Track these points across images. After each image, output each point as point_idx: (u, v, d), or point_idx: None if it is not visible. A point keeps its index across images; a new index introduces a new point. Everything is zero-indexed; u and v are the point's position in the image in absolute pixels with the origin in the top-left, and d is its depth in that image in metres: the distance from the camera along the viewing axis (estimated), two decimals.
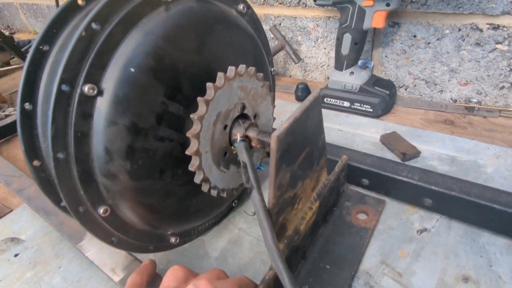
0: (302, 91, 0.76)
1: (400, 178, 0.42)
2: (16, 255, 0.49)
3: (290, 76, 0.93)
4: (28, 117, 0.30)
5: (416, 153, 0.52)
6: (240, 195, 0.48)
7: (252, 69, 0.33)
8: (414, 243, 0.40)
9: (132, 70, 0.26)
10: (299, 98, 0.77)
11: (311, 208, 0.37)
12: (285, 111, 0.75)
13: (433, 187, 0.40)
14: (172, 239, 0.38)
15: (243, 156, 0.31)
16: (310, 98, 0.30)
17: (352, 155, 0.47)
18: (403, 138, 0.55)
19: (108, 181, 0.29)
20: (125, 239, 0.33)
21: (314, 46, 0.82)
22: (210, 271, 0.30)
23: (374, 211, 0.43)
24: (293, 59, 0.82)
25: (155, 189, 0.32)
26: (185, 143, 0.32)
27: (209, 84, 0.29)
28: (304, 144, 0.32)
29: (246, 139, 0.34)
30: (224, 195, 0.36)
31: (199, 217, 0.40)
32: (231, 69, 0.31)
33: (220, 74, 0.30)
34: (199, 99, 0.29)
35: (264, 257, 0.41)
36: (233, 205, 0.47)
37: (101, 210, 0.29)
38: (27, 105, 0.28)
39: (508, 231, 0.38)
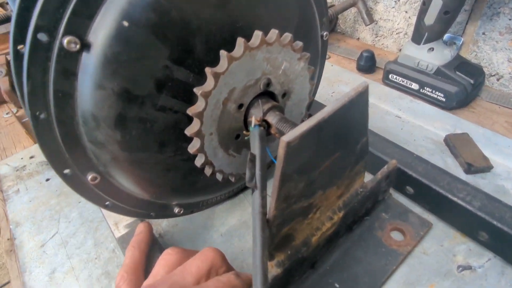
0: (366, 60, 0.65)
1: (455, 199, 0.34)
2: (47, 180, 0.52)
3: (358, 38, 0.80)
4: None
5: (487, 167, 0.41)
6: None
7: (287, 36, 0.26)
8: (450, 280, 0.32)
9: (125, 24, 0.20)
10: (361, 68, 0.66)
11: (331, 219, 0.32)
12: (340, 80, 0.65)
13: (495, 223, 0.31)
14: (176, 210, 0.36)
15: (254, 146, 0.26)
16: (351, 93, 0.23)
17: (402, 156, 0.39)
18: (475, 143, 0.44)
19: (96, 149, 0.26)
20: (122, 206, 0.31)
21: (393, 7, 0.67)
22: (204, 258, 0.27)
23: (414, 233, 0.36)
24: (364, 19, 0.69)
25: (154, 162, 0.29)
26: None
27: (222, 53, 0.23)
28: (333, 150, 0.26)
29: (264, 123, 0.28)
30: (233, 180, 0.31)
31: (208, 192, 0.37)
32: (256, 35, 0.24)
33: (240, 41, 0.23)
34: (207, 70, 0.23)
35: None
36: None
37: (89, 177, 0.27)
38: (21, 47, 0.25)
39: None
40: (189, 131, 0.25)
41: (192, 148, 0.26)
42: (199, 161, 0.27)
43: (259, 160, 0.25)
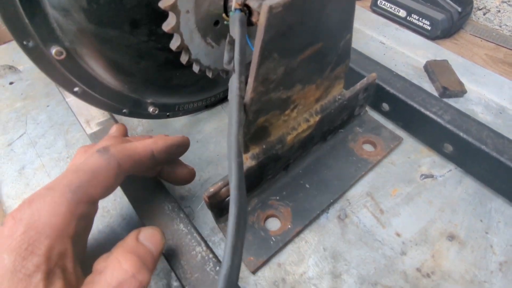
0: None
1: (427, 113, 0.35)
2: (11, 83, 0.49)
3: None
4: None
5: (461, 91, 0.42)
6: None
7: None
8: (412, 186, 0.35)
9: None
10: None
11: (307, 121, 0.32)
12: None
13: (461, 134, 0.33)
14: (151, 109, 0.35)
15: (234, 30, 0.25)
16: None
17: (381, 72, 0.39)
18: (453, 70, 0.45)
19: (60, 17, 0.23)
20: (91, 94, 0.30)
21: None
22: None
23: (384, 146, 0.37)
24: None
25: (125, 45, 0.27)
26: None
27: None
28: (315, 37, 0.25)
29: (246, 9, 0.26)
30: (210, 75, 0.30)
31: (184, 95, 0.36)
32: None
33: None
34: None
35: None
36: None
37: (53, 51, 0.25)
38: None
39: None
40: (163, 3, 0.23)
41: (167, 25, 0.24)
42: (174, 43, 0.25)
43: (239, 44, 0.24)
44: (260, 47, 0.21)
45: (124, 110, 0.34)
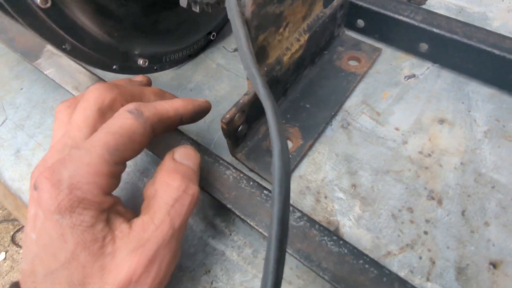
0: None
1: (401, 18, 0.37)
2: None
3: None
4: None
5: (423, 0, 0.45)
6: (221, 29, 0.43)
7: None
8: (399, 87, 0.38)
9: None
10: None
11: (298, 40, 0.33)
12: None
13: (434, 30, 0.36)
14: (140, 61, 0.34)
15: None
16: None
17: None
18: None
19: None
20: (81, 48, 0.29)
21: None
22: (87, 104, 0.24)
23: (367, 58, 0.40)
24: None
25: None
26: None
27: None
28: None
29: None
30: (197, 9, 0.30)
31: (170, 40, 0.36)
32: None
33: None
34: None
35: (241, 91, 0.39)
36: (212, 38, 0.42)
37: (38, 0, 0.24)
38: None
39: (497, 80, 0.36)
40: None
41: None
42: None
43: None
44: None
45: (115, 67, 0.33)
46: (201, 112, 0.28)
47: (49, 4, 0.24)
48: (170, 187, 0.22)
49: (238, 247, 0.29)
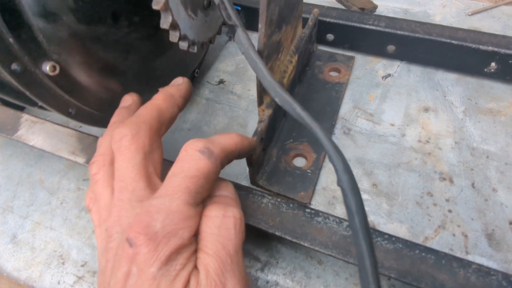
0: None
1: (367, 26, 0.41)
2: None
3: None
4: None
5: (373, 8, 0.51)
6: (200, 64, 0.43)
7: None
8: (380, 87, 0.41)
9: None
10: None
11: (291, 62, 0.35)
12: None
13: (398, 32, 0.40)
14: None
15: None
16: None
17: (317, 8, 0.44)
18: None
19: (47, 25, 0.21)
20: (85, 110, 0.28)
21: None
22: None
23: (345, 67, 0.43)
24: None
25: (112, 40, 0.25)
26: None
27: None
28: None
29: None
30: (195, 49, 0.31)
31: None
32: None
33: None
34: None
35: (240, 121, 0.40)
36: (195, 75, 0.42)
37: (47, 67, 0.22)
38: None
39: (459, 66, 0.41)
40: None
41: (157, 3, 0.24)
42: (165, 21, 0.25)
43: (227, 2, 0.26)
44: None
45: None
46: (252, 149, 0.28)
47: (57, 71, 0.23)
48: (209, 218, 0.22)
49: (290, 272, 0.29)
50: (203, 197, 0.22)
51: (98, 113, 0.29)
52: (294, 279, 0.28)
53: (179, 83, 0.29)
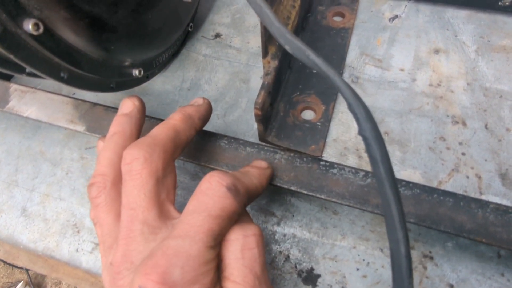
0: None
1: None
2: None
3: None
4: None
5: None
6: (194, 17, 0.40)
7: None
8: (388, 30, 0.39)
9: None
10: None
11: (294, 7, 0.32)
12: None
13: None
14: (135, 72, 0.31)
15: None
16: None
17: None
18: None
19: None
20: (77, 73, 0.25)
21: None
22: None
23: (349, 10, 0.40)
24: None
25: None
26: None
27: None
28: None
29: None
30: None
31: (158, 40, 0.33)
32: None
33: None
34: None
35: (242, 76, 0.38)
36: (189, 29, 0.39)
37: (29, 26, 0.20)
38: None
39: (470, 2, 0.38)
40: None
41: None
42: None
43: None
44: None
45: (112, 85, 0.30)
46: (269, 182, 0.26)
47: (41, 30, 0.20)
48: (230, 242, 0.20)
49: (306, 224, 0.29)
50: (225, 235, 0.20)
51: (92, 76, 0.27)
52: (311, 230, 0.29)
53: (199, 104, 0.26)
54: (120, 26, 0.26)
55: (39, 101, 0.33)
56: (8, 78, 0.39)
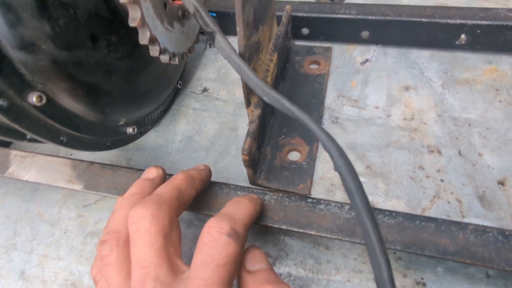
0: None
1: (340, 16, 0.43)
2: None
3: None
4: None
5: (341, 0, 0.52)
6: (182, 75, 0.43)
7: None
8: (361, 73, 0.43)
9: None
10: None
11: (271, 60, 0.36)
12: None
13: (370, 17, 0.42)
14: (129, 129, 0.33)
15: (189, 1, 0.26)
16: None
17: (289, 4, 0.45)
18: None
19: (28, 56, 0.22)
20: (75, 136, 0.28)
21: None
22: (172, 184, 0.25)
23: (324, 58, 0.44)
24: None
25: (93, 62, 0.26)
26: None
27: None
28: None
29: None
30: (176, 61, 0.31)
31: (150, 99, 0.36)
32: None
33: None
34: None
35: (230, 125, 0.40)
36: (179, 86, 0.43)
37: (33, 99, 0.22)
38: None
39: (431, 42, 0.43)
40: None
41: (133, 20, 0.24)
42: (144, 37, 0.26)
43: (202, 8, 0.26)
44: None
45: (107, 143, 0.32)
46: (261, 208, 0.28)
47: (44, 101, 0.23)
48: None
49: (300, 262, 0.30)
50: (234, 278, 0.21)
51: (89, 137, 0.29)
52: (305, 268, 0.29)
53: (201, 169, 0.29)
54: (114, 90, 0.29)
55: (38, 165, 0.34)
56: (6, 144, 0.41)
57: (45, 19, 0.21)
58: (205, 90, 0.44)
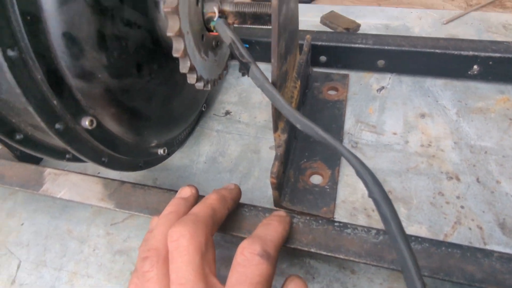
0: None
1: (357, 46, 0.45)
2: None
3: None
4: None
5: (357, 27, 0.55)
6: (207, 99, 0.45)
7: None
8: (377, 100, 0.44)
9: None
10: None
11: (295, 87, 0.38)
12: None
13: (386, 47, 0.44)
14: (160, 151, 0.35)
15: (225, 33, 0.28)
16: None
17: (308, 34, 0.47)
18: (342, 15, 0.57)
19: (84, 84, 0.23)
20: (115, 157, 0.29)
21: None
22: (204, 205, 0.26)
23: (341, 85, 0.46)
24: None
25: (138, 89, 0.28)
26: (152, 30, 0.27)
27: None
28: (289, 16, 0.31)
29: (223, 15, 0.30)
30: (209, 87, 0.33)
31: (181, 122, 0.37)
32: None
33: None
34: None
35: (252, 147, 0.42)
36: (203, 109, 0.44)
37: (86, 122, 0.24)
38: None
39: (445, 72, 0.45)
40: (171, 30, 0.25)
41: (177, 51, 0.26)
42: (185, 66, 0.27)
43: (237, 39, 0.28)
44: (277, 27, 0.26)
45: (140, 164, 0.34)
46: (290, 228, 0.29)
47: (94, 125, 0.25)
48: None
49: (327, 285, 0.30)
50: None
51: (126, 158, 0.30)
52: None
53: (231, 188, 0.30)
54: (153, 114, 0.30)
55: (71, 182, 0.36)
56: (37, 160, 0.43)
57: (103, 51, 0.23)
58: (227, 113, 0.46)
